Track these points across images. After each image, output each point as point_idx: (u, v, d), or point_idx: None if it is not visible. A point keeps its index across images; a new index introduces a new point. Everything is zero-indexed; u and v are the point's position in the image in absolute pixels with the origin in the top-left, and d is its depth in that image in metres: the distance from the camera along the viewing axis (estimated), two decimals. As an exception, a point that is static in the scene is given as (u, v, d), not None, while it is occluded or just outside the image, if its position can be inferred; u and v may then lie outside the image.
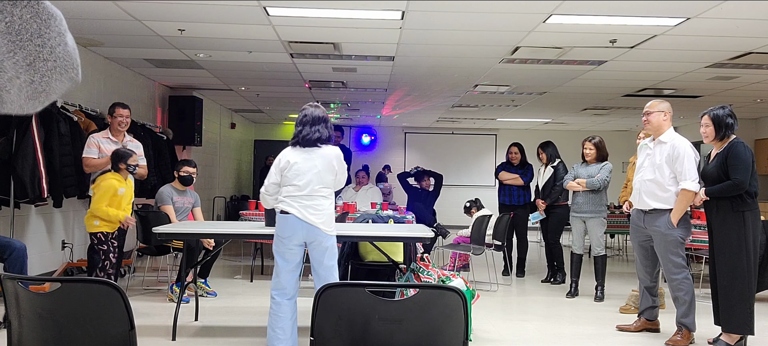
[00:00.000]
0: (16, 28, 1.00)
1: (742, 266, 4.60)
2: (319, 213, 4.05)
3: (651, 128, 5.11)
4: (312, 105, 4.24)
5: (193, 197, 6.71)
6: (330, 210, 4.13)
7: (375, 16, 6.06)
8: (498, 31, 6.55)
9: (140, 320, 5.48)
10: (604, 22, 6.08)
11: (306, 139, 4.10)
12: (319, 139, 4.10)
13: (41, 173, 6.01)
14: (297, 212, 4.02)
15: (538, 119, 14.91)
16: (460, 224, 9.88)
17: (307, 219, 4.01)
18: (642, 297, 5.36)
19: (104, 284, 2.21)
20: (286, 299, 4.11)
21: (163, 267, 7.63)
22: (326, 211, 4.09)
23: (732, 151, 4.63)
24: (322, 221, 4.04)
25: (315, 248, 4.10)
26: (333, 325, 2.11)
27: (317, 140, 4.10)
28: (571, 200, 7.07)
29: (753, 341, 4.80)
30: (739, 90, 9.77)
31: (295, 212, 4.02)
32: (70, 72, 1.07)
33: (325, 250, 4.10)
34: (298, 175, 4.06)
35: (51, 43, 1.03)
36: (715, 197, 4.70)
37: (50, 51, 1.05)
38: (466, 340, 2.09)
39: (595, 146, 6.92)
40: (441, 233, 8.48)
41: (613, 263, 9.90)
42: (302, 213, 4.02)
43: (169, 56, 8.07)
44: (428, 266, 5.19)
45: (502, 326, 5.67)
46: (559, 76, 8.99)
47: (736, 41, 6.77)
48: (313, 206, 4.04)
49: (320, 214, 4.05)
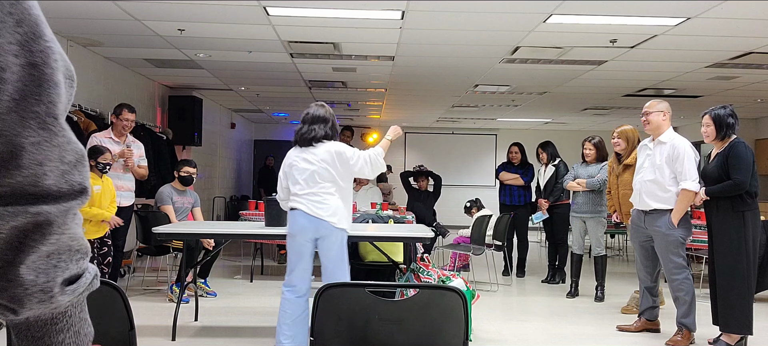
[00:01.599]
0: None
1: (742, 266, 4.59)
2: (326, 207, 4.04)
3: (650, 128, 5.10)
4: (317, 104, 4.25)
5: (193, 197, 6.71)
6: (337, 204, 4.08)
7: (375, 16, 6.06)
8: (498, 31, 6.55)
9: (140, 321, 5.47)
10: (605, 21, 6.08)
11: (303, 138, 4.14)
12: (314, 137, 4.11)
13: (41, 173, 6.00)
14: (305, 207, 4.04)
15: (538, 119, 14.91)
16: (460, 224, 9.87)
17: (314, 213, 4.02)
18: (642, 297, 5.36)
19: (104, 284, 2.20)
20: (295, 296, 4.10)
21: (162, 267, 7.63)
22: (333, 205, 4.07)
23: (733, 151, 4.63)
24: (329, 214, 4.03)
25: (324, 242, 4.07)
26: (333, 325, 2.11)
27: (312, 139, 4.11)
28: (571, 200, 7.07)
29: (753, 342, 4.80)
30: (740, 90, 9.77)
31: (303, 207, 4.04)
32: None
33: (333, 244, 4.06)
34: (299, 173, 4.09)
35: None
36: (716, 197, 4.69)
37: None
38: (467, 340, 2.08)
39: (594, 146, 6.92)
40: (441, 233, 8.47)
41: (614, 263, 9.90)
42: (309, 208, 4.03)
43: (168, 56, 8.07)
44: (428, 266, 5.18)
45: (502, 326, 5.66)
46: (560, 76, 8.98)
47: (736, 41, 6.77)
48: (319, 202, 4.05)
49: (326, 207, 4.04)
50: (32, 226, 0.79)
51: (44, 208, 0.80)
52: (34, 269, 0.80)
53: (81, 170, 0.84)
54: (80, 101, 7.28)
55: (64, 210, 0.82)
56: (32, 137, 0.79)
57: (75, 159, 0.83)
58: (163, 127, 10.01)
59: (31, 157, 0.79)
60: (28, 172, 0.79)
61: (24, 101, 0.78)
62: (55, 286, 0.81)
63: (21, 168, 0.78)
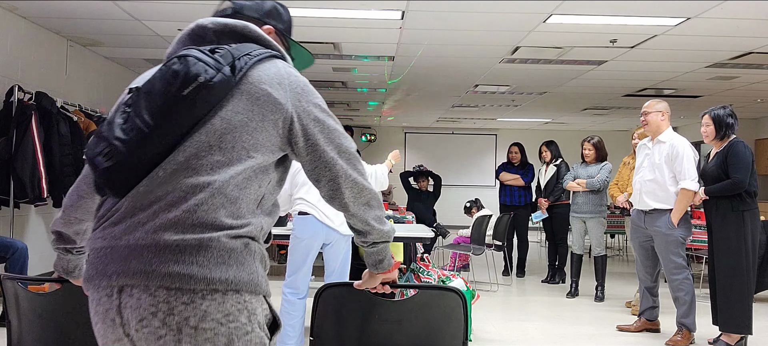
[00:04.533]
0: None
1: (742, 266, 4.60)
2: (339, 215, 4.05)
3: (649, 128, 5.10)
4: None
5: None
6: None
7: (375, 16, 6.06)
8: (498, 31, 6.55)
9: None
10: (605, 21, 6.08)
11: None
12: None
13: (41, 173, 6.01)
14: (317, 213, 4.05)
15: (538, 119, 14.91)
16: (460, 224, 9.88)
17: (327, 221, 4.05)
18: (642, 297, 5.36)
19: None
20: (298, 297, 4.14)
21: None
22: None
23: (732, 151, 4.63)
24: (341, 222, 4.05)
25: (332, 248, 4.15)
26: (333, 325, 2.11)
27: None
28: (571, 200, 7.07)
29: (752, 342, 4.80)
30: (740, 90, 9.77)
31: (315, 213, 4.05)
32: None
33: (341, 250, 4.15)
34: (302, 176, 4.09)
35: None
36: (715, 197, 4.70)
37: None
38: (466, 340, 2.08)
39: (594, 147, 6.92)
40: (441, 233, 8.48)
41: (614, 263, 9.90)
42: (322, 215, 4.05)
43: (169, 56, 8.06)
44: (428, 267, 5.18)
45: (502, 326, 5.66)
46: (560, 76, 8.98)
47: (736, 41, 6.77)
48: (333, 210, 4.06)
49: (339, 215, 4.05)
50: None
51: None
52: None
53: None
54: (80, 101, 7.28)
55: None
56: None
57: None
58: (163, 127, 9.98)
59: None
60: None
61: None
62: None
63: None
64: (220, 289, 1.43)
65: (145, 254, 1.42)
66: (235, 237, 1.47)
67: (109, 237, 1.48)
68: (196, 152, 1.47)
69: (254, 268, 1.50)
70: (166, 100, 1.45)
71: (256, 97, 1.52)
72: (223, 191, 1.46)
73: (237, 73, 1.51)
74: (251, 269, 1.49)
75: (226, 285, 1.43)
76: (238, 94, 1.51)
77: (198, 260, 1.42)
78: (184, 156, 1.47)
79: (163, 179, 1.46)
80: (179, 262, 1.41)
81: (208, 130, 1.48)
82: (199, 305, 1.41)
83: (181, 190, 1.45)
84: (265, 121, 1.53)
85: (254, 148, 1.51)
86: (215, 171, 1.47)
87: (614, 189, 6.63)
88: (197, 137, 1.48)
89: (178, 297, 1.41)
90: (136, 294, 1.42)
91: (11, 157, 5.92)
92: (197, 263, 1.41)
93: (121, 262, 1.44)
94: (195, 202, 1.44)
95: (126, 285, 1.43)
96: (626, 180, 6.39)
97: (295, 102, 1.57)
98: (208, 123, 1.48)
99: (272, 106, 1.54)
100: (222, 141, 1.48)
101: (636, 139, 6.15)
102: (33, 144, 5.98)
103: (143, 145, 1.45)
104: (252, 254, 1.50)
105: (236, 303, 1.45)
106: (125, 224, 1.46)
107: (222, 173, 1.47)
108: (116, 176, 1.47)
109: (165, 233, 1.42)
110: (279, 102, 1.54)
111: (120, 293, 1.45)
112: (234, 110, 1.50)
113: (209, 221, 1.44)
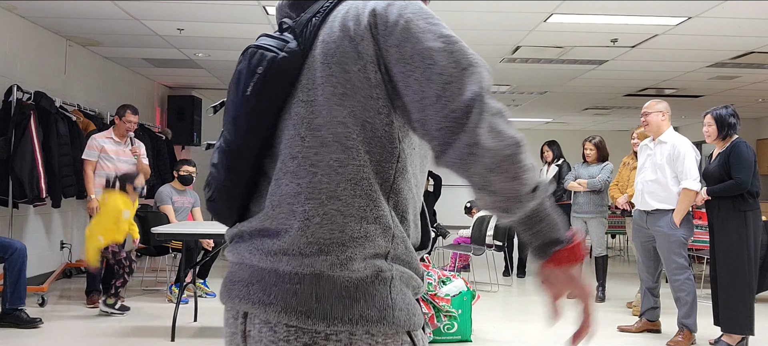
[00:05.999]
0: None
1: (743, 267, 4.58)
2: None
3: (650, 129, 5.08)
4: None
5: (193, 197, 6.69)
6: None
7: (375, 16, 6.03)
8: (499, 30, 6.53)
9: (139, 321, 5.47)
10: (605, 21, 6.07)
11: None
12: None
13: (40, 173, 5.99)
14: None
15: (539, 119, 14.90)
16: (460, 225, 9.85)
17: None
18: (643, 298, 5.35)
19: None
20: None
21: (162, 268, 7.61)
22: None
23: (734, 151, 4.61)
24: None
25: None
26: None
27: None
28: (572, 200, 7.05)
29: (754, 342, 4.78)
30: (741, 90, 9.75)
31: None
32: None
33: None
34: None
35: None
36: (717, 197, 4.68)
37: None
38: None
39: (595, 146, 6.90)
40: (441, 233, 8.45)
41: (615, 263, 9.88)
42: None
43: (168, 56, 8.05)
44: (428, 267, 5.16)
45: (502, 326, 5.65)
46: (560, 76, 8.97)
47: (737, 41, 6.75)
48: None
49: None
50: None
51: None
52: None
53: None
54: (79, 101, 7.27)
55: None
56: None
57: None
58: (162, 127, 9.99)
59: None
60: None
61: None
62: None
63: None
64: (344, 329, 1.17)
65: (266, 279, 1.21)
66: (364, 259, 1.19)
67: (236, 252, 1.32)
68: (290, 152, 1.23)
69: (387, 298, 1.20)
70: (236, 107, 1.30)
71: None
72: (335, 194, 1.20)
73: (305, 40, 1.26)
74: (385, 301, 1.19)
75: (352, 324, 1.17)
76: (312, 62, 1.25)
77: (316, 292, 1.17)
78: (281, 160, 1.24)
79: (272, 191, 1.24)
80: (297, 293, 1.17)
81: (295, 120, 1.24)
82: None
83: (287, 203, 1.21)
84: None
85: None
86: (316, 167, 1.20)
87: (614, 189, 6.61)
88: (287, 133, 1.25)
89: (299, 337, 1.17)
90: (258, 326, 1.22)
91: (10, 157, 5.91)
92: (315, 298, 1.17)
93: (244, 286, 1.25)
94: (305, 215, 1.19)
95: (249, 312, 1.24)
96: (626, 180, 6.37)
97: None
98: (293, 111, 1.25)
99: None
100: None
101: (635, 139, 6.14)
102: (32, 144, 5.96)
103: (229, 165, 1.28)
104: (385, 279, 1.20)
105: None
106: (249, 242, 1.27)
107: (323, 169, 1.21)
108: (219, 204, 1.32)
109: (283, 257, 1.20)
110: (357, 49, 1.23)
111: (245, 318, 1.25)
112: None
113: (325, 239, 1.18)
